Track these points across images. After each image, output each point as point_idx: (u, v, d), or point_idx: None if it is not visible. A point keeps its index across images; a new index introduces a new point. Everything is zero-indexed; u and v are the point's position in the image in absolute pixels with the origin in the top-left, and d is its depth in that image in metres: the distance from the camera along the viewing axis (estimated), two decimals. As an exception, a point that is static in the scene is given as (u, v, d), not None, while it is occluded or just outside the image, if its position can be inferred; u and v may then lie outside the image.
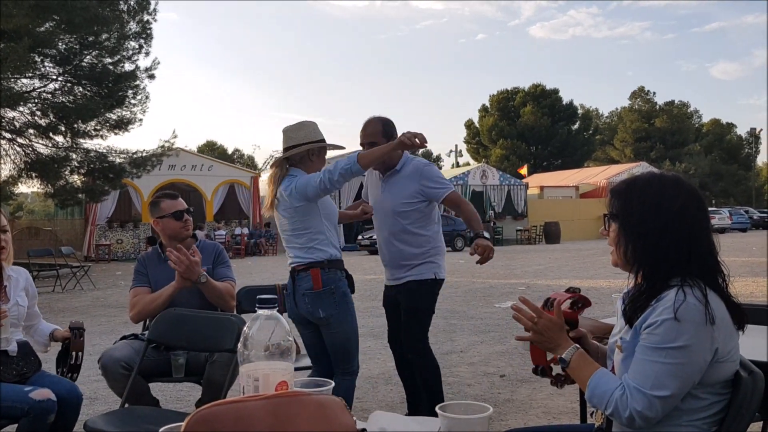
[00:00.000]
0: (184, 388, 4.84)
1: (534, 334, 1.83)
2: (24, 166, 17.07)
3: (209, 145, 57.53)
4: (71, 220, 27.55)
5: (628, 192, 1.77)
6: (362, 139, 3.64)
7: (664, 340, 1.59)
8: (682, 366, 1.59)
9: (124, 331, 3.52)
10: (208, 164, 26.74)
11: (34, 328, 3.13)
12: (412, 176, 3.64)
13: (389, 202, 3.67)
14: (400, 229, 3.65)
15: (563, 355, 1.78)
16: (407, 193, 3.62)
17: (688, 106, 61.10)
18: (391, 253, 3.70)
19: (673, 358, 1.58)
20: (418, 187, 3.61)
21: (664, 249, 1.68)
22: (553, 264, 17.20)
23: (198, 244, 3.60)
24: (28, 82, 16.67)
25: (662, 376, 1.59)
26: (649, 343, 1.62)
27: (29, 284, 3.09)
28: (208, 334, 2.99)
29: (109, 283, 14.91)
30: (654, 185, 1.74)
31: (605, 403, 1.65)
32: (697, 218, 1.70)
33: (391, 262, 3.72)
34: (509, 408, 4.40)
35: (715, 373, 1.63)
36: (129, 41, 17.28)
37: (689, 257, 1.66)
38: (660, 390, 1.59)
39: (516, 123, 53.01)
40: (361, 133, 3.66)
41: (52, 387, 2.69)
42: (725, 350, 1.62)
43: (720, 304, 1.63)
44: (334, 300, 3.17)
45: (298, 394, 1.18)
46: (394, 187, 3.67)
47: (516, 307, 1.87)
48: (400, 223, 3.64)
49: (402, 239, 3.65)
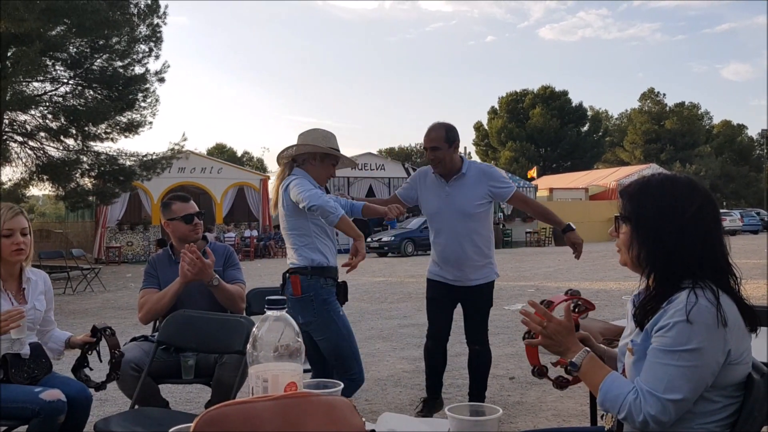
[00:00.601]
0: (194, 390, 4.85)
1: (543, 339, 1.82)
2: (35, 168, 17.18)
3: (219, 147, 57.72)
4: (82, 223, 27.69)
5: (641, 194, 1.75)
6: (426, 143, 3.82)
7: (676, 342, 1.58)
8: (695, 369, 1.57)
9: (135, 333, 3.53)
10: (218, 167, 26.81)
11: (49, 335, 3.07)
12: (479, 178, 3.83)
13: (459, 205, 3.80)
14: (471, 231, 3.80)
15: (574, 359, 1.76)
16: (478, 195, 3.81)
17: (698, 108, 60.73)
18: (461, 255, 3.81)
19: (686, 361, 1.57)
20: (486, 188, 3.82)
21: (678, 253, 1.66)
22: (563, 266, 17.14)
23: (208, 246, 3.60)
24: (39, 86, 16.81)
25: (675, 379, 1.57)
26: (661, 345, 1.61)
27: (48, 288, 3.07)
28: (217, 335, 2.99)
29: (119, 285, 14.98)
30: (668, 188, 1.72)
31: (618, 407, 1.63)
32: (711, 221, 1.69)
33: (458, 263, 3.83)
34: (519, 410, 4.38)
35: (727, 375, 1.62)
36: (139, 44, 17.36)
37: (702, 260, 1.65)
38: (673, 393, 1.57)
39: (525, 125, 52.84)
40: (424, 138, 3.83)
41: (62, 388, 2.70)
42: (738, 352, 1.61)
43: (732, 306, 1.62)
44: (313, 308, 3.17)
45: (307, 395, 1.17)
46: (462, 190, 3.82)
47: (524, 312, 1.86)
48: (471, 224, 3.80)
49: (473, 241, 3.80)
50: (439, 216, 3.88)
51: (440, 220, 3.88)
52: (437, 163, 3.81)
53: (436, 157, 3.79)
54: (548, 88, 54.07)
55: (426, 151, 3.84)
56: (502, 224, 28.90)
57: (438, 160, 3.79)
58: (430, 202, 3.94)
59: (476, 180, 3.83)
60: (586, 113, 55.34)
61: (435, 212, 3.90)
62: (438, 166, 3.82)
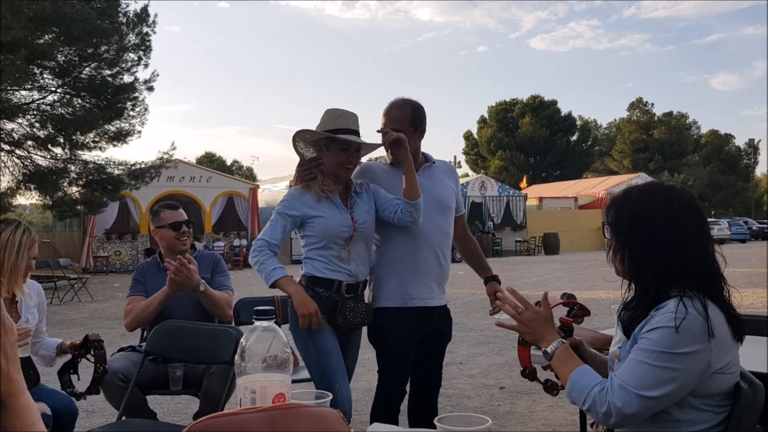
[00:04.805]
0: (182, 401, 4.81)
1: (519, 325, 1.83)
2: (22, 177, 17.05)
3: (208, 156, 57.56)
4: (69, 232, 27.50)
5: (621, 201, 1.77)
6: (386, 124, 2.95)
7: (658, 344, 1.59)
8: (671, 371, 1.57)
9: (122, 343, 3.50)
10: (207, 176, 26.73)
11: (40, 344, 3.07)
12: (449, 173, 3.16)
13: (436, 195, 2.99)
14: (447, 232, 3.06)
15: (547, 348, 1.77)
16: (450, 189, 3.10)
17: (686, 117, 61.31)
18: (438, 261, 2.99)
19: (663, 362, 1.57)
20: (453, 188, 3.13)
21: (651, 257, 1.67)
22: (552, 275, 17.18)
23: (196, 254, 3.59)
24: (26, 94, 16.70)
25: (649, 378, 1.58)
26: (643, 344, 1.62)
27: (42, 300, 3.07)
28: (205, 346, 2.97)
29: (107, 295, 14.87)
30: (644, 194, 1.73)
31: (584, 398, 1.65)
32: (692, 227, 1.68)
33: (435, 274, 3.00)
34: (509, 420, 4.38)
35: (714, 384, 1.62)
36: (128, 53, 17.30)
37: (683, 266, 1.64)
38: (644, 390, 1.58)
39: (515, 134, 53.12)
40: (384, 116, 2.99)
41: (48, 401, 2.67)
42: (721, 363, 1.61)
43: (720, 316, 1.62)
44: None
45: (295, 406, 1.17)
46: (435, 180, 3.05)
47: (502, 296, 1.87)
48: (447, 222, 3.06)
49: (446, 244, 3.05)
50: None
51: None
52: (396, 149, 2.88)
53: None
54: (537, 97, 54.43)
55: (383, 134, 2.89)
56: (492, 233, 28.93)
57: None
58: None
59: (446, 174, 3.13)
60: (575, 123, 55.73)
61: None
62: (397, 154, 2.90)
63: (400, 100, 3.02)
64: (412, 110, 2.98)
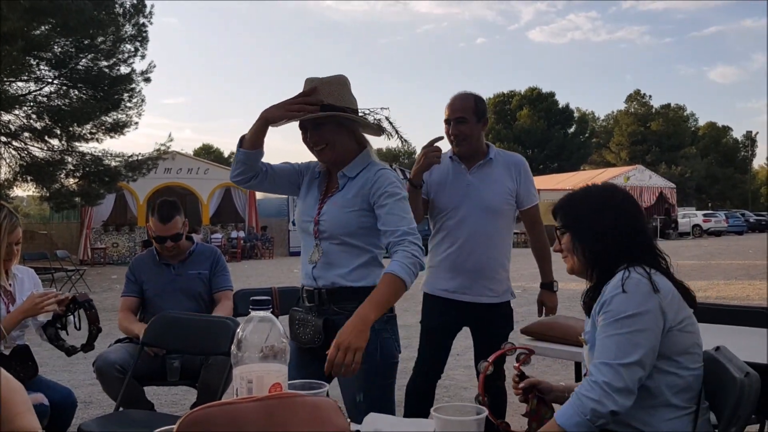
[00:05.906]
0: (180, 392, 4.82)
1: None
2: (19, 169, 17.02)
3: (205, 148, 57.52)
4: (67, 224, 27.45)
5: (571, 205, 1.97)
6: (449, 114, 3.04)
7: (616, 312, 1.72)
8: (638, 333, 1.70)
9: (120, 334, 3.50)
10: (204, 167, 26.67)
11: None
12: (509, 168, 3.13)
13: (484, 199, 3.04)
14: (494, 231, 3.06)
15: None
16: (506, 188, 3.09)
17: (684, 109, 61.32)
18: (481, 261, 3.04)
19: (629, 327, 1.71)
20: (513, 184, 3.10)
21: (615, 243, 1.85)
22: (550, 267, 17.15)
23: (194, 248, 3.58)
24: (23, 86, 16.67)
25: (623, 345, 1.70)
26: (604, 320, 1.75)
27: (36, 284, 3.02)
28: (202, 337, 2.98)
29: (104, 287, 14.86)
30: (593, 193, 1.97)
31: (580, 412, 1.69)
32: (635, 214, 1.91)
33: (475, 272, 3.04)
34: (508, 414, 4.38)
35: (674, 342, 1.73)
36: (125, 44, 17.26)
37: (633, 246, 1.84)
38: (624, 358, 1.69)
39: (512, 126, 53.13)
40: (447, 108, 3.06)
41: (46, 392, 2.67)
42: (677, 318, 1.74)
43: (664, 279, 1.77)
44: None
45: (291, 395, 1.17)
46: (488, 181, 3.08)
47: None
48: (496, 223, 3.07)
49: (495, 244, 3.07)
50: (457, 212, 3.05)
51: (457, 217, 3.05)
52: (462, 140, 3.03)
53: (461, 132, 3.01)
54: (535, 89, 54.41)
55: (448, 124, 3.03)
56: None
57: (463, 136, 3.02)
58: (446, 195, 3.09)
59: (505, 170, 3.11)
60: (572, 115, 55.74)
61: (452, 207, 3.06)
62: (462, 144, 3.04)
63: (462, 92, 3.12)
64: (474, 101, 3.07)
